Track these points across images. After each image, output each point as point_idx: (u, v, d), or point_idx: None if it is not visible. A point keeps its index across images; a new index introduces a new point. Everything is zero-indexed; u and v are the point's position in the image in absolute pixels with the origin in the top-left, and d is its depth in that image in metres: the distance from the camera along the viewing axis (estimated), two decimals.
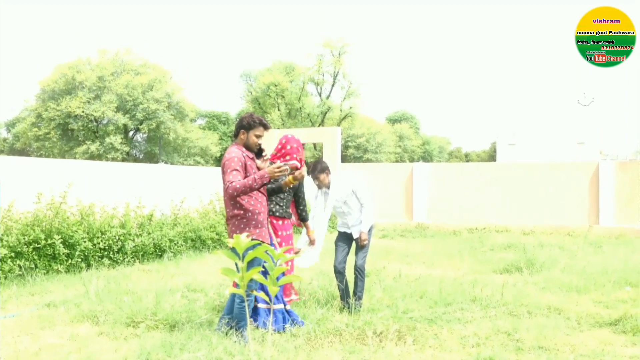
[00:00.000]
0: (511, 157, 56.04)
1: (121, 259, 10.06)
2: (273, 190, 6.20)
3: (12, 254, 8.35)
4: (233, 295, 5.45)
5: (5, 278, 8.19)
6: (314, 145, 42.52)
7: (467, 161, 78.43)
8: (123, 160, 44.86)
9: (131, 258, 10.25)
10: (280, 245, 6.35)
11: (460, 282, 8.50)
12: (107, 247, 9.88)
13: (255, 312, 6.03)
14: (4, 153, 53.14)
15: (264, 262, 4.91)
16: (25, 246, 8.57)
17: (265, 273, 5.85)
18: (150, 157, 50.67)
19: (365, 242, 6.70)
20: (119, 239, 10.07)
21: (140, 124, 47.10)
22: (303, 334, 5.62)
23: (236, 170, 5.16)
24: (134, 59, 49.05)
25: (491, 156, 74.23)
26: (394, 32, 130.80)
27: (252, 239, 5.21)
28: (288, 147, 6.44)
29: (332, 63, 45.13)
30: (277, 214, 6.38)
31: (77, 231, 9.28)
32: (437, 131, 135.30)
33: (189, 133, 50.62)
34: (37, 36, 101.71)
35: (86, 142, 45.10)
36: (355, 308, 6.59)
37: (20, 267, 8.42)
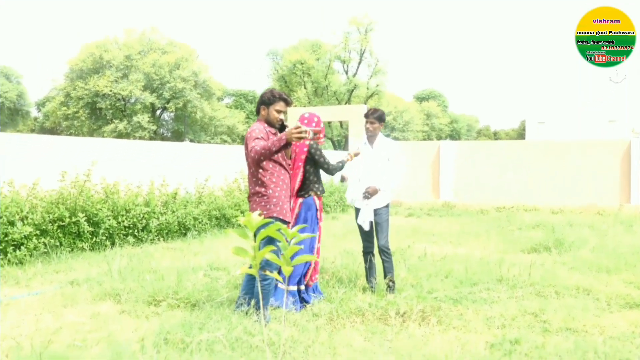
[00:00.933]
0: (540, 136, 55.17)
1: (145, 237, 10.08)
2: (335, 170, 6.27)
3: (37, 232, 8.39)
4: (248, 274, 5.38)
5: (31, 256, 8.23)
6: (340, 123, 42.31)
7: (496, 139, 77.58)
8: (150, 138, 45.10)
9: (155, 236, 10.28)
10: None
11: (486, 261, 8.33)
12: (131, 225, 9.90)
13: (276, 291, 6.03)
14: (35, 132, 53.85)
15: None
16: (50, 224, 8.61)
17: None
18: (178, 136, 50.90)
19: (370, 193, 6.46)
20: (143, 217, 10.08)
21: (167, 103, 47.31)
22: (325, 314, 5.54)
23: (258, 138, 5.09)
24: (160, 37, 49.24)
25: (520, 134, 73.27)
26: (422, 9, 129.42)
27: (271, 217, 5.14)
28: (322, 125, 6.33)
29: (359, 40, 44.74)
30: (322, 191, 6.32)
31: (101, 209, 9.29)
32: (465, 109, 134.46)
33: (216, 112, 50.72)
34: (65, 16, 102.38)
35: (114, 120, 45.44)
36: (390, 289, 6.46)
37: (45, 245, 8.46)
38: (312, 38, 50.08)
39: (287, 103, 5.44)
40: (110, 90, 44.25)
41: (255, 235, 2.43)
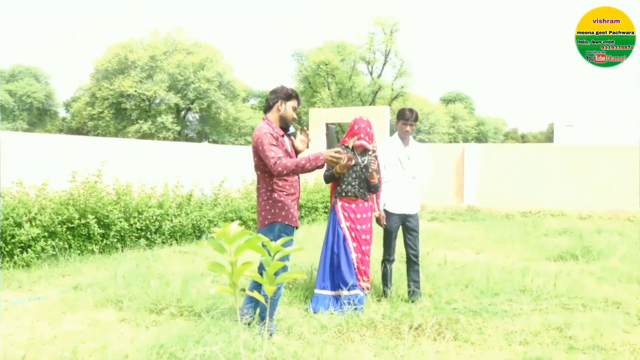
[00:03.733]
0: (569, 139, 54.24)
1: (158, 239, 9.83)
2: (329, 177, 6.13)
3: (46, 234, 8.16)
4: (254, 282, 5.08)
5: (38, 258, 8.01)
6: None
7: (524, 142, 76.47)
8: (174, 139, 45.12)
9: (168, 239, 10.02)
10: (350, 230, 5.99)
11: (509, 270, 7.93)
12: (144, 228, 9.65)
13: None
14: (63, 132, 54.24)
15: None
16: (59, 226, 8.37)
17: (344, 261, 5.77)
18: (202, 137, 50.92)
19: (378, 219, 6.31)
20: (156, 219, 9.83)
21: (192, 104, 47.32)
22: (334, 326, 5.22)
23: (274, 145, 4.74)
24: (185, 38, 49.27)
25: (548, 137, 72.13)
26: (448, 10, 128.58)
27: (276, 222, 4.83)
28: (356, 127, 6.17)
29: (384, 41, 44.23)
30: (350, 194, 6.05)
31: (112, 211, 9.04)
32: (492, 112, 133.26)
33: (240, 112, 50.65)
34: (93, 16, 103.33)
35: (138, 121, 45.53)
36: (414, 294, 6.25)
37: (53, 247, 8.24)
38: (337, 39, 49.83)
39: (299, 103, 5.15)
40: (135, 91, 44.35)
41: (230, 249, 2.13)
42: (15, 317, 5.53)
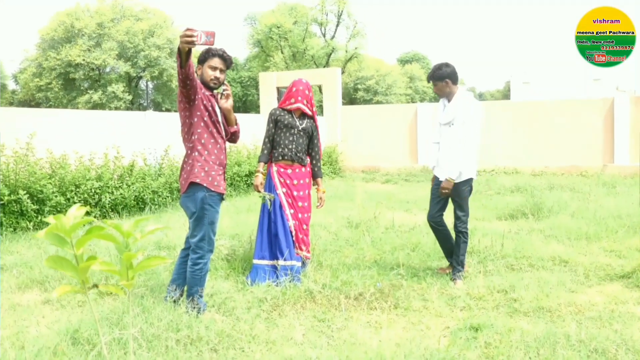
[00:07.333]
0: (525, 96, 54.61)
1: (99, 213, 9.41)
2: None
3: None
4: (181, 257, 4.77)
5: None
6: (319, 88, 41.45)
7: (481, 100, 76.79)
8: (127, 109, 44.02)
9: (109, 212, 9.61)
10: (287, 196, 5.69)
11: None
12: (82, 201, 9.22)
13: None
14: (13, 105, 52.52)
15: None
16: None
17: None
18: (156, 106, 49.87)
19: (444, 192, 5.67)
20: (95, 192, 9.40)
21: (143, 72, 46.15)
22: (270, 299, 4.94)
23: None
24: (133, 4, 47.83)
25: (505, 95, 72.68)
26: None
27: (194, 182, 4.44)
28: (293, 89, 5.84)
29: (336, 2, 43.61)
30: (286, 157, 5.75)
31: (46, 185, 8.58)
32: None
33: None
34: None
35: (89, 91, 44.29)
36: (449, 274, 5.75)
37: None
38: (290, 1, 48.91)
39: (225, 60, 4.66)
40: (83, 60, 42.97)
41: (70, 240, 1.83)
42: None
